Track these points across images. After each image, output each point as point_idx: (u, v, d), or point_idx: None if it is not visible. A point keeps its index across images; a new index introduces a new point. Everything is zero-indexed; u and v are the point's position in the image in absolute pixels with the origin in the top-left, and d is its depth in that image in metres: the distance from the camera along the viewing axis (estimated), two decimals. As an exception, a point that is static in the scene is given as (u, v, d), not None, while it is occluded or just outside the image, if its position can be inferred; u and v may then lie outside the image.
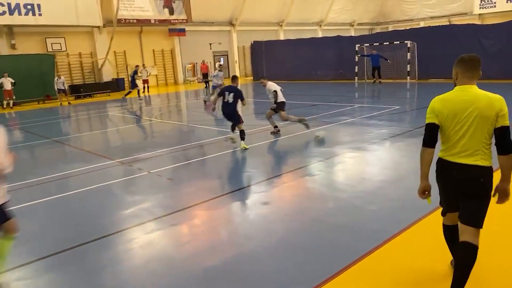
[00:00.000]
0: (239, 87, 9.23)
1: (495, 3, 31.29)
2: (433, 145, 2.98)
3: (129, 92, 20.70)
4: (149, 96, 22.79)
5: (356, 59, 22.10)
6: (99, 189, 6.49)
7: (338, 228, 4.55)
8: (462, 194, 2.96)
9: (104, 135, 12.32)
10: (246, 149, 8.35)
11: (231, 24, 32.89)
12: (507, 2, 30.50)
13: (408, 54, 20.11)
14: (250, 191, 6.08)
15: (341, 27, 39.20)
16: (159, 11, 27.83)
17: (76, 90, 24.05)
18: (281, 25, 35.89)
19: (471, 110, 2.83)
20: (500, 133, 2.78)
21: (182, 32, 29.54)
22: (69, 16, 23.14)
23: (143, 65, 25.49)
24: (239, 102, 8.62)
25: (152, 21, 27.65)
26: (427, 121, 3.00)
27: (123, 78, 27.03)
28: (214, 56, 32.28)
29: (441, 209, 3.29)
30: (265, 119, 10.01)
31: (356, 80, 22.26)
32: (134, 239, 4.62)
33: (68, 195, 6.28)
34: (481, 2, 32.09)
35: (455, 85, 3.02)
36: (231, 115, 8.63)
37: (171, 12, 28.44)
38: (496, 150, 2.83)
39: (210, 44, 31.67)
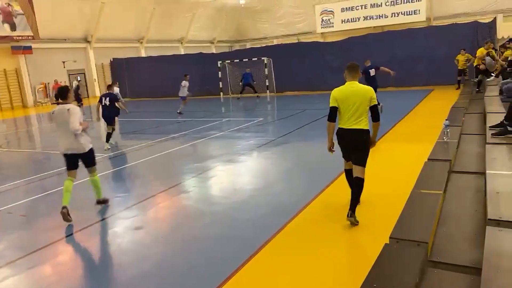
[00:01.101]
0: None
1: (332, 23, 35.89)
2: (333, 120, 4.66)
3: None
4: (-10, 122, 19.77)
5: (220, 75, 22.81)
6: None
7: (216, 241, 4.58)
8: (353, 148, 4.67)
9: None
10: (108, 149, 10.16)
11: (86, 41, 30.78)
12: (342, 23, 35.26)
13: (266, 69, 21.61)
14: (121, 217, 5.71)
15: (202, 44, 40.11)
16: (-3, 26, 24.50)
17: None
18: (141, 42, 35.04)
19: (355, 95, 4.53)
20: (372, 109, 4.56)
21: (28, 49, 26.46)
22: None
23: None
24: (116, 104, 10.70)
25: (-11, 38, 24.18)
26: (330, 105, 4.63)
27: (-46, 104, 22.95)
28: (69, 75, 29.72)
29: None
30: (131, 139, 9.57)
31: (221, 95, 22.98)
32: (-19, 293, 3.91)
33: None
34: (321, 22, 36.43)
35: (346, 82, 4.68)
36: (110, 117, 10.56)
37: (13, 27, 25.29)
38: (371, 120, 4.65)
39: (64, 62, 29.10)
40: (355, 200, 4.59)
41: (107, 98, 10.53)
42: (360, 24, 33.76)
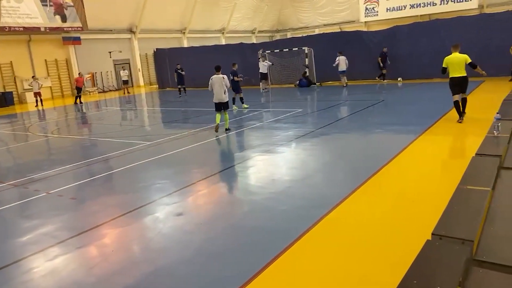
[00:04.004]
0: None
1: (377, 12, 34.79)
2: (444, 73, 9.38)
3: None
4: (43, 109, 20.92)
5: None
6: (-12, 217, 5.76)
7: (253, 230, 4.63)
8: (459, 86, 9.27)
9: (-10, 156, 10.95)
10: (246, 108, 14.73)
11: (131, 31, 31.70)
12: (386, 11, 34.10)
13: (306, 59, 21.30)
14: (162, 203, 5.90)
15: (243, 35, 40.18)
16: (50, 18, 25.72)
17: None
18: (184, 33, 35.61)
19: (457, 59, 9.14)
20: (470, 64, 9.06)
21: (77, 40, 27.66)
22: None
23: (33, 76, 23.30)
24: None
25: (42, 29, 25.45)
26: (443, 65, 9.31)
27: (12, 92, 24.42)
28: (115, 64, 30.82)
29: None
30: (173, 128, 9.78)
31: (261, 86, 22.91)
32: (34, 269, 4.19)
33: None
34: (365, 11, 35.42)
35: (451, 53, 9.22)
36: (237, 87, 14.85)
37: (64, 19, 26.47)
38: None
39: (110, 52, 30.18)
40: (463, 110, 9.36)
41: (232, 75, 14.45)
42: (406, 13, 32.54)
